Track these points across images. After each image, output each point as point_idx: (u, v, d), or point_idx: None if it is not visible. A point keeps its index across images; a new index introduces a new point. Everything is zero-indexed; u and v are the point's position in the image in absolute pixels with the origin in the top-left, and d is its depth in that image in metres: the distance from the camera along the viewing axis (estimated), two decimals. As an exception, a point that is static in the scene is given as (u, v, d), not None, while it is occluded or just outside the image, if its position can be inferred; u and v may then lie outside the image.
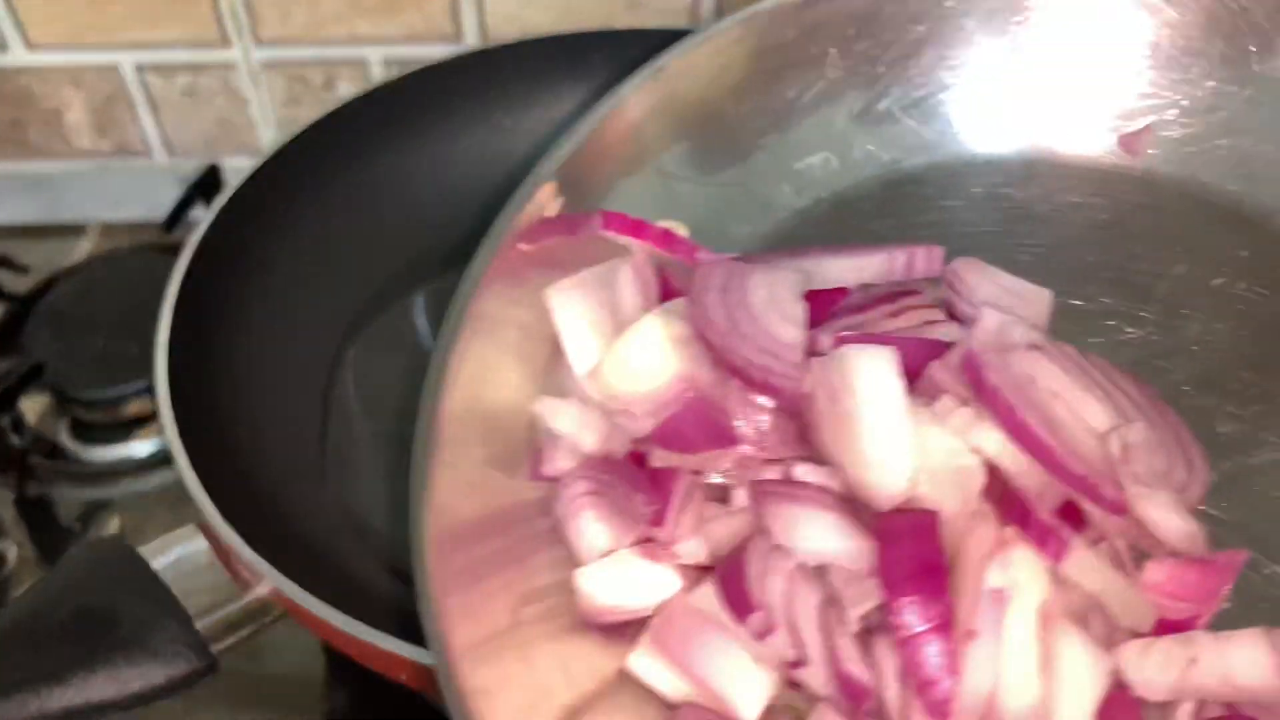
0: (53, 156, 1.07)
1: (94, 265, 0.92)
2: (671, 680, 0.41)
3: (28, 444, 0.83)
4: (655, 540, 0.42)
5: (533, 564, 0.43)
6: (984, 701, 0.36)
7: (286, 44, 0.98)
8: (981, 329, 0.44)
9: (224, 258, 0.72)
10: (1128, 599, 0.38)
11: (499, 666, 0.41)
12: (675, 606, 0.41)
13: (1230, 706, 0.37)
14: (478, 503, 0.44)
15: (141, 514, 0.79)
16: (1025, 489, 0.39)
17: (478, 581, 0.42)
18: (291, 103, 1.02)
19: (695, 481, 0.43)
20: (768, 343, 0.43)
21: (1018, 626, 0.36)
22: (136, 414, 0.83)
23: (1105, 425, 0.40)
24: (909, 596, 0.36)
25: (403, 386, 0.76)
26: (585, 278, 0.48)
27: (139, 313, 0.85)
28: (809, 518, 0.39)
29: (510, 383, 0.47)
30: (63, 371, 0.83)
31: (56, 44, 0.99)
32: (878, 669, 0.37)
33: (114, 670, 0.50)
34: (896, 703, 0.37)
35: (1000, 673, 0.36)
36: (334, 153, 0.79)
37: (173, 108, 1.03)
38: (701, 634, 0.39)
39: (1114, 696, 0.36)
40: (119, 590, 0.53)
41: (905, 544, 0.37)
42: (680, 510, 0.42)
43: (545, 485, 0.45)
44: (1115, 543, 0.40)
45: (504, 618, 0.42)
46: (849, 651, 0.37)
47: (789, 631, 0.38)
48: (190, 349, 0.65)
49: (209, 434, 0.63)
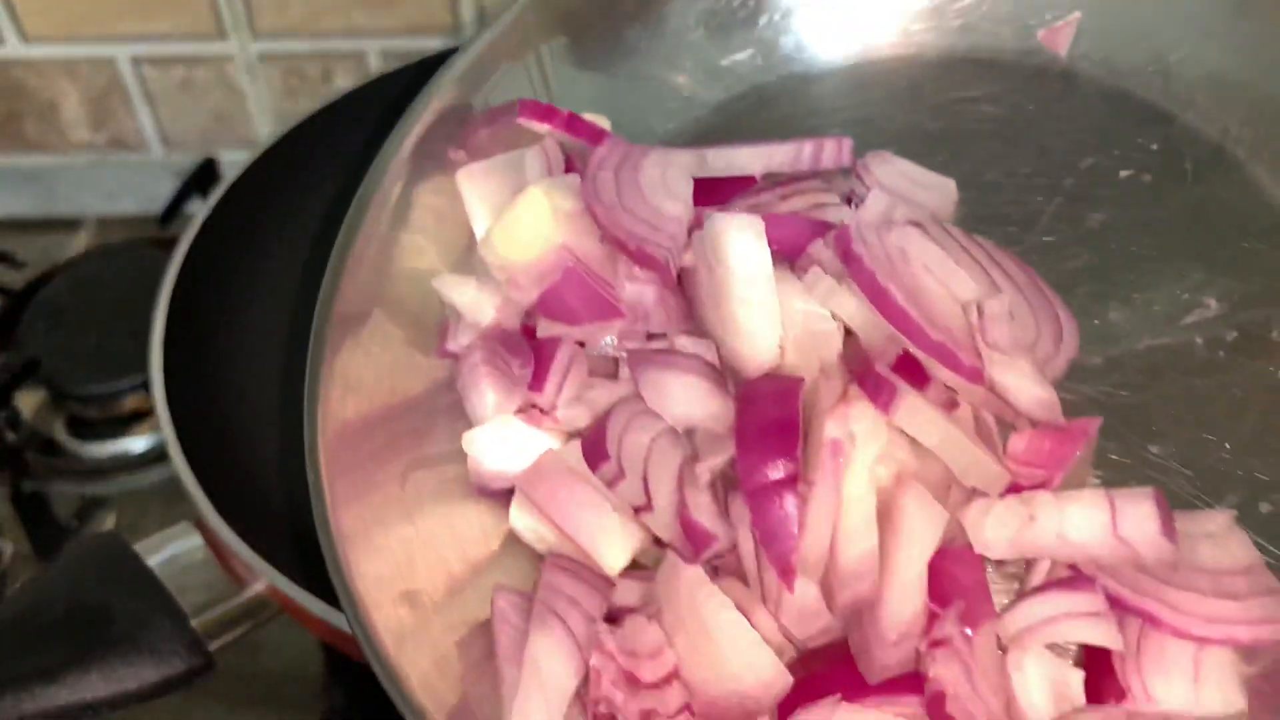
0: (48, 150, 1.06)
1: (89, 259, 0.92)
2: (547, 536, 0.42)
3: (23, 439, 0.83)
4: (538, 407, 0.43)
5: (431, 435, 0.45)
6: (825, 552, 0.37)
7: (283, 36, 0.97)
8: (866, 209, 0.46)
9: (220, 251, 0.71)
10: (975, 461, 0.39)
11: (381, 521, 0.42)
12: (545, 461, 0.42)
13: (1073, 567, 0.38)
14: (389, 383, 0.46)
15: (138, 509, 0.79)
16: (869, 347, 0.42)
17: (368, 446, 0.43)
18: (288, 95, 1.01)
19: (578, 352, 0.44)
20: (650, 216, 0.45)
21: (854, 477, 0.37)
22: (133, 409, 0.83)
23: (973, 298, 0.42)
24: (758, 452, 0.37)
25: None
26: (495, 162, 0.50)
27: (135, 307, 0.85)
28: (679, 383, 0.41)
29: (430, 266, 0.49)
30: (58, 367, 0.82)
31: (52, 36, 0.98)
32: (735, 524, 0.39)
33: (108, 669, 0.49)
34: (750, 556, 0.39)
35: (837, 522, 0.37)
36: (331, 145, 0.79)
37: (169, 100, 1.02)
38: (570, 488, 0.41)
39: (957, 553, 0.38)
40: (113, 587, 0.52)
41: (764, 405, 0.39)
42: (560, 377, 0.43)
43: (451, 362, 0.47)
44: (981, 413, 0.41)
45: (393, 482, 0.43)
46: (697, 502, 0.38)
47: (638, 480, 0.39)
48: (186, 344, 0.65)
49: (205, 429, 0.62)
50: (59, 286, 0.89)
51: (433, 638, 0.41)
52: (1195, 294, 0.46)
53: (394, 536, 0.43)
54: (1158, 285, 0.47)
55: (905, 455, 0.39)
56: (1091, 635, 0.36)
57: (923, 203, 0.49)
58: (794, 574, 0.36)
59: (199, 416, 0.63)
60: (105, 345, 0.83)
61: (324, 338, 0.45)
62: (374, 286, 0.47)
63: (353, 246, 0.47)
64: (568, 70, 0.55)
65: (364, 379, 0.45)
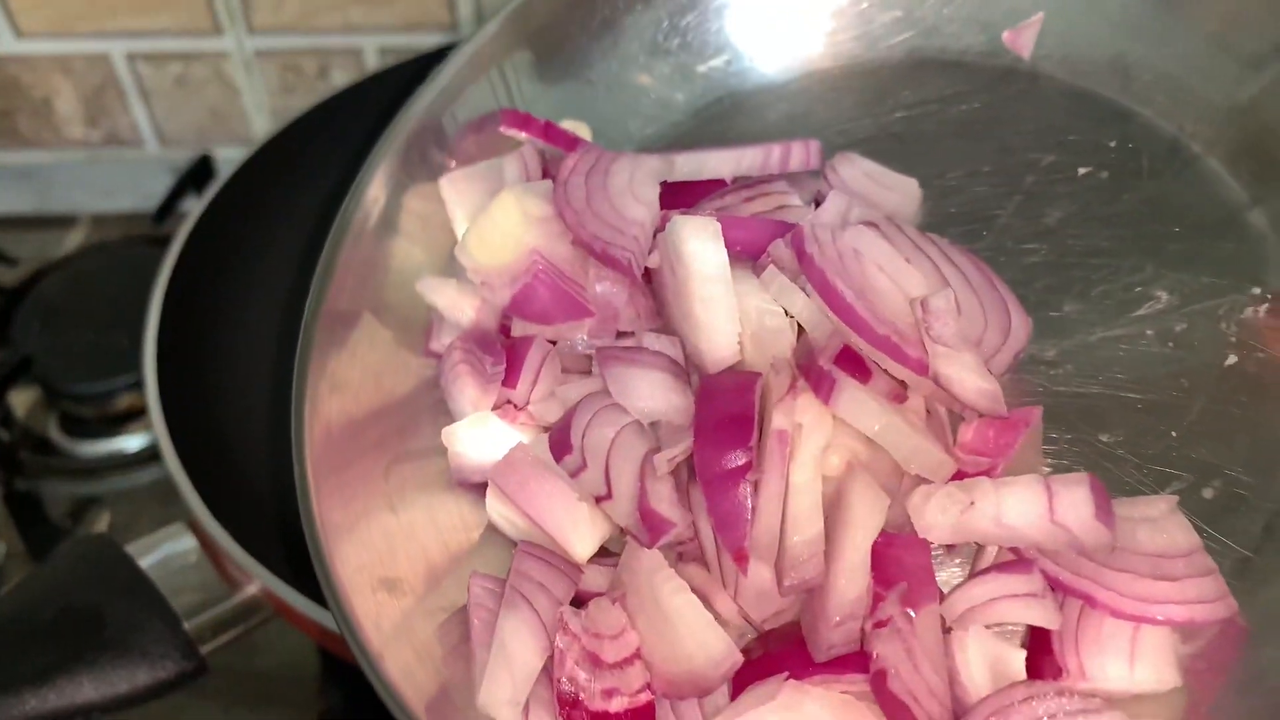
0: (42, 146, 1.06)
1: (84, 257, 0.91)
2: (521, 525, 0.44)
3: (17, 438, 0.82)
4: (513, 403, 0.46)
5: (415, 431, 0.47)
6: (775, 536, 0.39)
7: (280, 33, 0.97)
8: (824, 209, 0.48)
9: (215, 249, 0.71)
10: (918, 449, 0.40)
11: (364, 514, 0.44)
12: (515, 454, 0.44)
13: (1015, 550, 0.39)
14: (376, 381, 0.48)
15: (132, 509, 0.79)
16: (815, 342, 0.44)
17: (354, 442, 0.45)
18: (285, 92, 1.01)
19: (550, 350, 0.47)
20: (616, 220, 0.47)
21: (801, 466, 0.39)
22: (127, 408, 0.82)
23: (921, 293, 0.43)
24: (715, 443, 0.39)
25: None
26: (476, 168, 0.53)
27: (129, 305, 0.84)
28: (644, 378, 0.43)
29: (416, 269, 0.51)
30: (52, 365, 0.82)
31: (46, 32, 0.97)
32: (695, 512, 0.41)
33: (99, 672, 0.49)
34: (710, 542, 0.41)
35: (786, 508, 0.39)
36: (327, 142, 0.78)
37: (164, 97, 1.02)
38: (540, 479, 0.43)
39: (903, 539, 0.39)
40: (105, 590, 0.52)
41: (722, 399, 0.41)
42: (533, 374, 0.45)
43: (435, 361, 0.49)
44: (934, 405, 0.43)
45: (377, 476, 0.45)
46: (656, 491, 0.40)
47: (599, 471, 0.41)
48: (180, 342, 0.65)
49: (198, 429, 0.62)
50: (53, 284, 0.88)
51: (413, 625, 0.43)
52: (1147, 287, 0.48)
53: (377, 528, 0.44)
54: (1111, 279, 0.48)
55: (858, 445, 0.41)
56: (1030, 615, 0.37)
57: (886, 203, 0.50)
58: (747, 558, 0.38)
59: (192, 416, 0.62)
60: (99, 344, 0.83)
61: (312, 338, 0.46)
62: (362, 289, 0.49)
63: (340, 251, 0.49)
64: (542, 79, 0.57)
65: (351, 378, 0.47)
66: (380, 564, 0.43)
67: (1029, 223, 0.50)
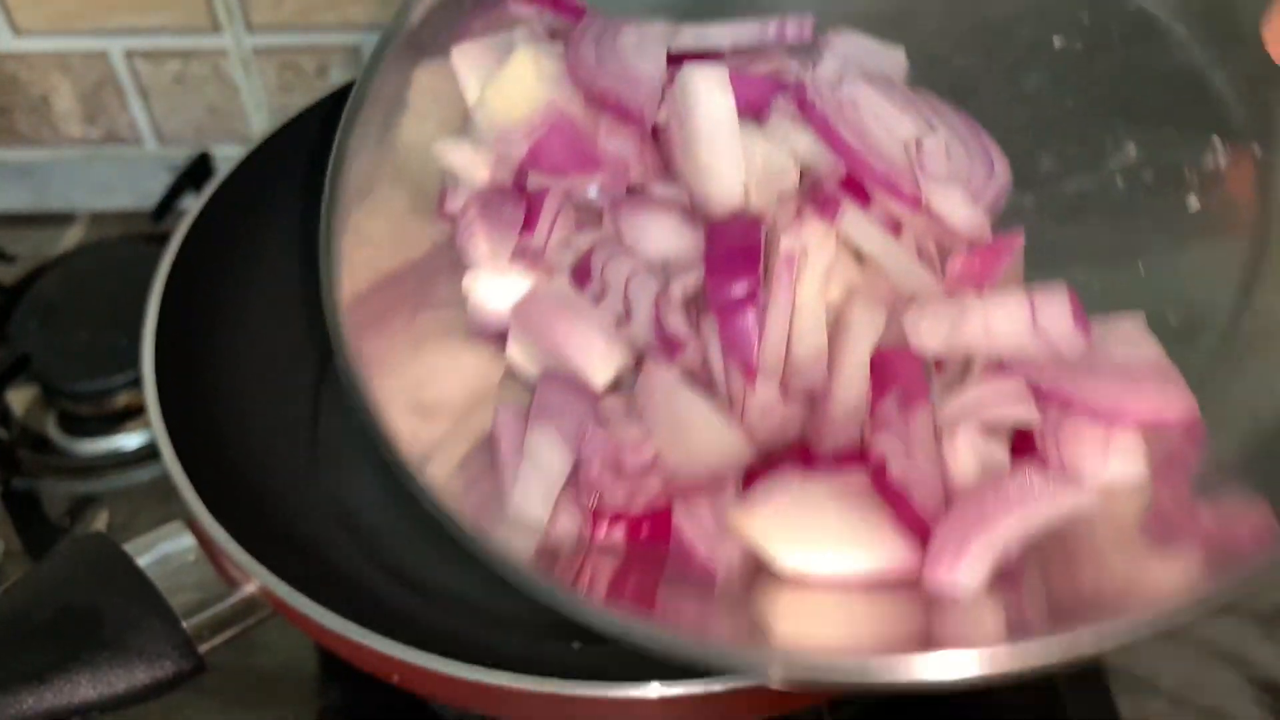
0: (41, 144, 1.06)
1: (82, 255, 0.91)
2: (540, 364, 0.46)
3: (14, 436, 0.82)
4: (530, 252, 0.48)
5: (433, 288, 0.50)
6: (781, 353, 0.43)
7: (278, 30, 0.96)
8: (821, 68, 0.52)
9: (214, 247, 0.71)
10: (912, 270, 0.45)
11: (391, 355, 0.47)
12: (537, 289, 0.47)
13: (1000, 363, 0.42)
14: (393, 246, 0.51)
15: (131, 508, 0.78)
16: (817, 171, 0.48)
17: (379, 300, 0.48)
18: (283, 90, 1.01)
19: (565, 201, 0.49)
20: (627, 75, 0.50)
21: (807, 285, 0.43)
22: (126, 406, 0.82)
23: (913, 136, 0.48)
24: (724, 273, 0.43)
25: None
26: (487, 41, 0.54)
27: (128, 303, 0.84)
28: (655, 222, 0.47)
29: (429, 139, 0.54)
30: (50, 363, 0.82)
31: (44, 29, 0.97)
32: (705, 340, 0.44)
33: (96, 672, 0.49)
34: (719, 366, 0.44)
35: (792, 325, 0.43)
36: (326, 140, 0.78)
37: (163, 95, 1.02)
38: (559, 311, 0.46)
39: (897, 351, 0.43)
40: (103, 588, 0.52)
41: (729, 235, 0.45)
42: (549, 223, 0.48)
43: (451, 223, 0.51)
44: (925, 243, 0.47)
45: (400, 325, 0.48)
46: (671, 316, 0.44)
47: (619, 298, 0.45)
48: (178, 341, 0.64)
49: (197, 428, 0.62)
50: (51, 282, 0.88)
51: (446, 447, 0.45)
52: (1118, 142, 0.52)
53: (404, 368, 0.47)
54: (1085, 137, 0.53)
55: (854, 275, 0.45)
56: (1014, 414, 0.41)
57: (874, 68, 0.53)
58: (755, 373, 0.42)
59: (191, 415, 0.62)
60: (98, 341, 0.83)
61: (334, 205, 0.49)
62: (378, 161, 0.52)
63: (355, 125, 0.51)
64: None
65: (374, 239, 0.50)
66: (412, 395, 0.46)
67: (1008, 89, 0.55)
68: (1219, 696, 0.67)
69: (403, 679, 0.52)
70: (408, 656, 0.49)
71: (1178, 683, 0.68)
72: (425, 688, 0.57)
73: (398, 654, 0.49)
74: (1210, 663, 0.69)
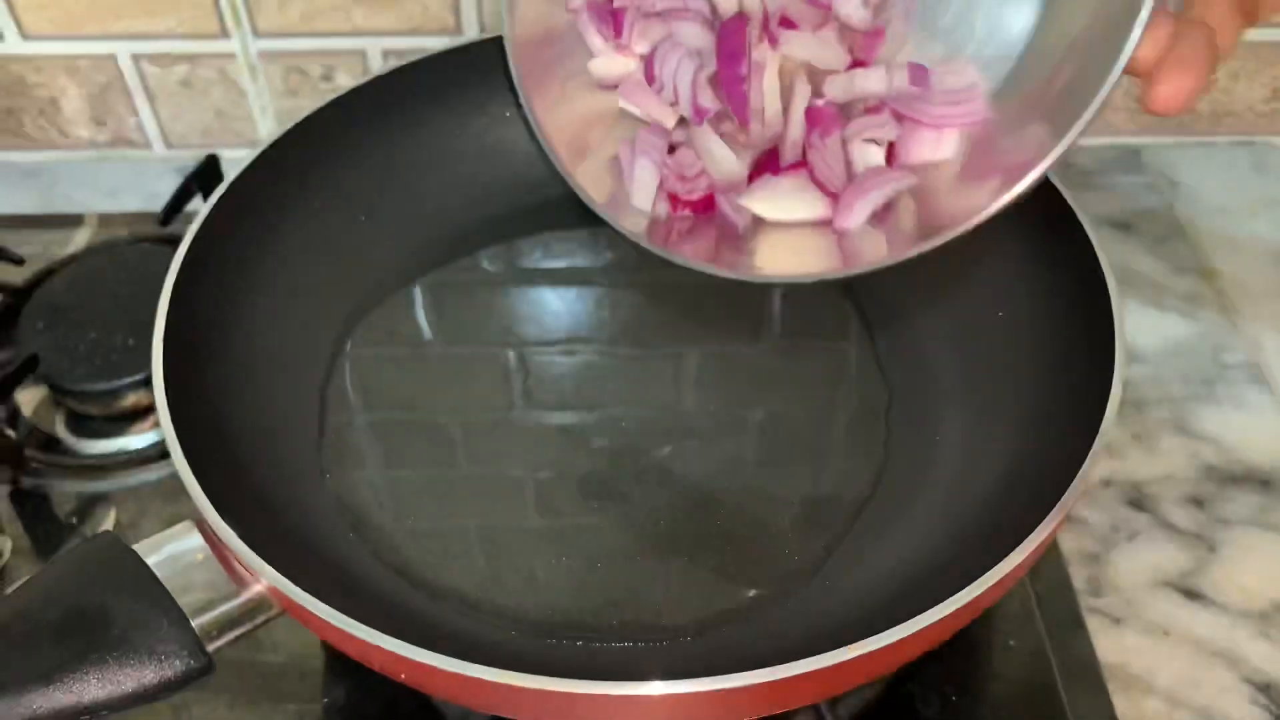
0: (48, 146, 1.06)
1: (90, 256, 0.91)
2: (638, 112, 0.69)
3: (23, 436, 0.83)
4: (620, 45, 0.69)
5: (570, 57, 0.70)
6: (760, 111, 0.64)
7: (285, 35, 0.97)
8: None
9: (222, 249, 0.71)
10: (828, 57, 0.64)
11: (555, 99, 0.68)
12: (632, 75, 0.69)
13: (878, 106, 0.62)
14: (545, 27, 0.70)
15: (139, 507, 0.79)
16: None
17: (536, 49, 0.69)
18: (290, 94, 1.01)
19: (637, 10, 0.68)
20: None
21: (769, 75, 0.64)
22: (134, 406, 0.83)
23: None
24: (725, 60, 0.64)
25: (402, 380, 0.76)
26: None
27: (136, 305, 0.85)
28: (687, 26, 0.66)
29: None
30: (58, 364, 0.82)
31: (52, 33, 0.98)
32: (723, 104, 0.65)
33: (106, 671, 0.49)
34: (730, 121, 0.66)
35: (764, 95, 0.64)
36: (333, 144, 0.78)
37: (170, 98, 1.02)
38: (642, 87, 0.68)
39: (820, 108, 0.63)
40: (112, 588, 0.52)
41: (729, 35, 0.64)
42: (630, 27, 0.68)
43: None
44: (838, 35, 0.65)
45: (551, 74, 0.69)
46: (702, 91, 0.65)
47: (670, 88, 0.66)
48: (187, 342, 0.65)
49: (205, 428, 0.62)
50: (59, 283, 0.88)
51: (587, 163, 0.67)
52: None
53: (558, 105, 0.68)
54: None
55: (795, 64, 0.64)
56: (886, 132, 0.61)
57: None
58: (748, 122, 0.64)
59: (199, 415, 0.62)
60: (106, 342, 0.83)
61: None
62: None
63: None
64: None
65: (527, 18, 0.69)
66: (566, 123, 0.68)
67: None
68: (1214, 695, 0.68)
69: (409, 677, 0.52)
70: (414, 655, 0.49)
71: (1173, 682, 0.68)
72: (432, 686, 0.57)
73: (404, 652, 0.50)
74: (1206, 662, 0.69)
